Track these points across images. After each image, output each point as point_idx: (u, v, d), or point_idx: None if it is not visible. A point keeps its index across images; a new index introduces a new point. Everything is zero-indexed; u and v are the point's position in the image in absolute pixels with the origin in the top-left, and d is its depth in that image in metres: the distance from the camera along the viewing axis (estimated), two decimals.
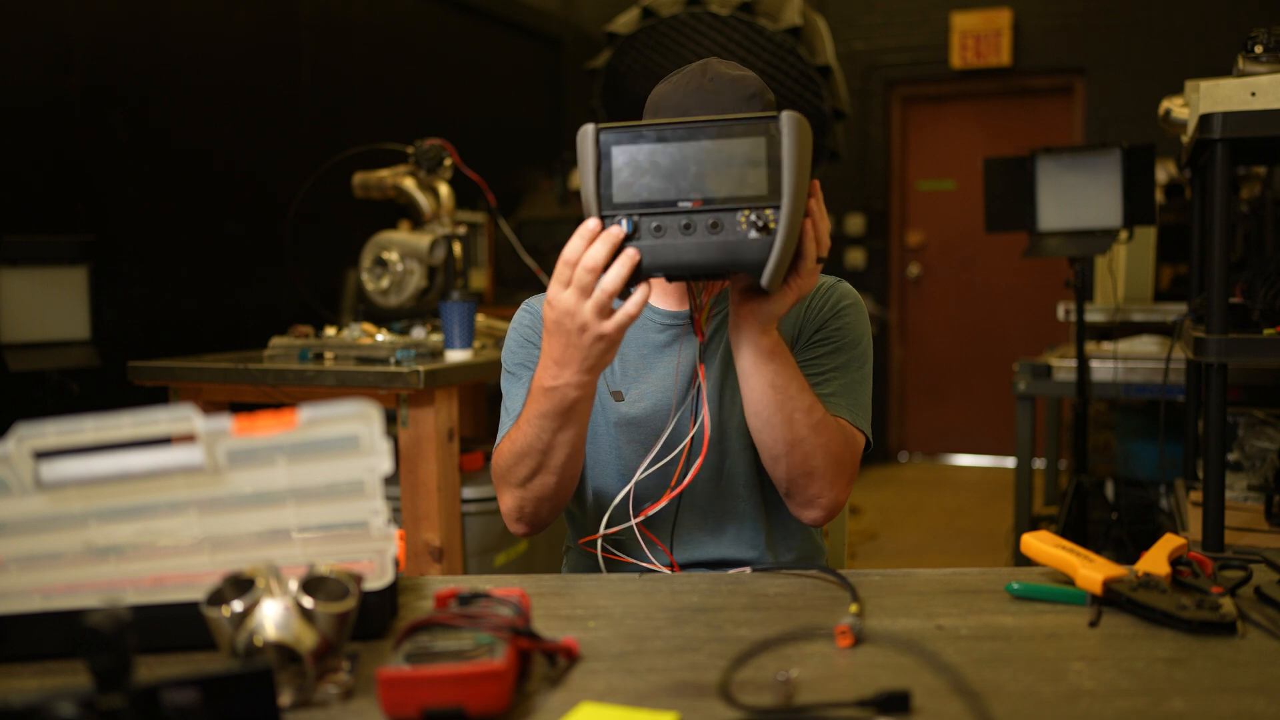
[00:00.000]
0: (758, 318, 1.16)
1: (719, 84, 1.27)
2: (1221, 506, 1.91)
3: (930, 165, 6.33)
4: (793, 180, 1.04)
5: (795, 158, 1.04)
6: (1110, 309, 3.61)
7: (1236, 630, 0.91)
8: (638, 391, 1.36)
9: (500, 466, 1.29)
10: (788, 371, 1.20)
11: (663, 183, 1.07)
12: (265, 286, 3.85)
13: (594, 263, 1.06)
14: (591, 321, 1.09)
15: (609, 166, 1.07)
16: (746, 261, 1.07)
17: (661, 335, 1.37)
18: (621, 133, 1.07)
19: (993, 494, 5.41)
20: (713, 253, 1.06)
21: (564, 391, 1.16)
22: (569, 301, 1.09)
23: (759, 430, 1.23)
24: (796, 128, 1.04)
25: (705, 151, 1.06)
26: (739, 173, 1.06)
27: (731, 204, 1.06)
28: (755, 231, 1.05)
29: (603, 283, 1.06)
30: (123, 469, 0.84)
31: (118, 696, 0.62)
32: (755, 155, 1.05)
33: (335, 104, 4.23)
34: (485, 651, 0.79)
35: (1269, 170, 3.36)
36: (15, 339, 2.81)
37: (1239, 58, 1.94)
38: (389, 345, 2.46)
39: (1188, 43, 5.46)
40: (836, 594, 1.06)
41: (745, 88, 1.27)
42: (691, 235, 1.06)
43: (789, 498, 1.29)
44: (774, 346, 1.18)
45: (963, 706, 0.77)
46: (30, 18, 3.07)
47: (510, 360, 1.41)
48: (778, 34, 3.56)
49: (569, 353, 1.12)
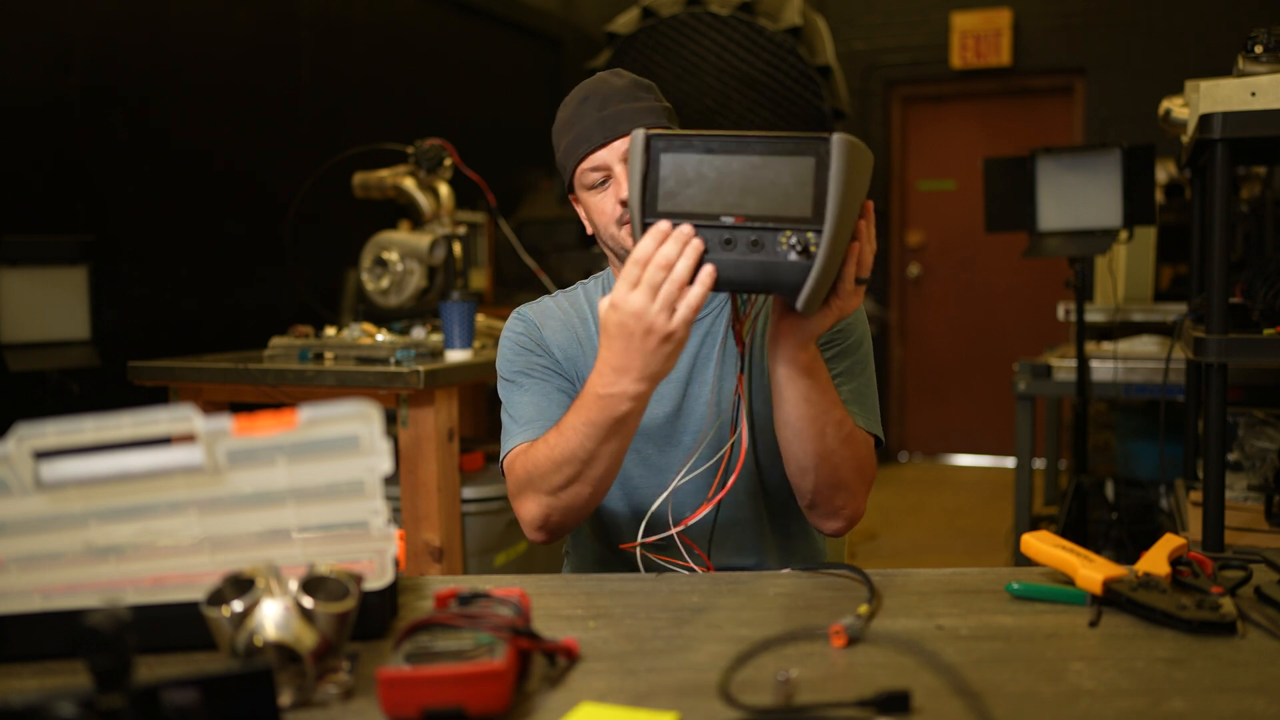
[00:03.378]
0: (797, 334, 1.15)
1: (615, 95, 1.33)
2: (1221, 506, 1.91)
3: (930, 165, 6.33)
4: (837, 205, 1.01)
5: (843, 182, 1.00)
6: (1110, 309, 3.61)
7: (1236, 630, 0.91)
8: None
9: (528, 472, 1.26)
10: (821, 386, 1.19)
11: (707, 195, 1.05)
12: (265, 286, 3.85)
13: (667, 259, 1.04)
14: (659, 321, 1.06)
15: (656, 173, 1.06)
16: (783, 283, 1.04)
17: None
18: (672, 140, 1.06)
19: (993, 494, 5.41)
20: (750, 271, 1.04)
21: (618, 401, 1.13)
22: (638, 302, 1.06)
23: (790, 442, 1.22)
24: (847, 151, 1.00)
25: (752, 167, 1.03)
26: (784, 192, 1.03)
27: (774, 223, 1.03)
28: (795, 254, 1.02)
29: (673, 275, 1.04)
30: (123, 469, 0.84)
31: (118, 696, 0.62)
32: (803, 175, 1.02)
33: (335, 104, 4.23)
34: (485, 651, 0.79)
35: (1269, 170, 3.36)
36: (15, 339, 2.81)
37: (1239, 58, 1.94)
38: (389, 345, 2.46)
39: (1188, 43, 5.46)
40: (837, 594, 1.06)
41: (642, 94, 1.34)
42: (732, 251, 1.04)
43: (813, 509, 1.28)
44: (811, 362, 1.17)
45: (963, 706, 0.77)
46: (30, 18, 3.07)
47: (508, 369, 1.40)
48: (778, 34, 3.57)
49: (630, 358, 1.09)
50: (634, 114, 1.32)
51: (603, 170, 1.33)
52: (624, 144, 1.30)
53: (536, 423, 1.33)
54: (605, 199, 1.34)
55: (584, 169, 1.34)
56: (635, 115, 1.32)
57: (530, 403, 1.35)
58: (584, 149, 1.33)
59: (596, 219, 1.36)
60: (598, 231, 1.39)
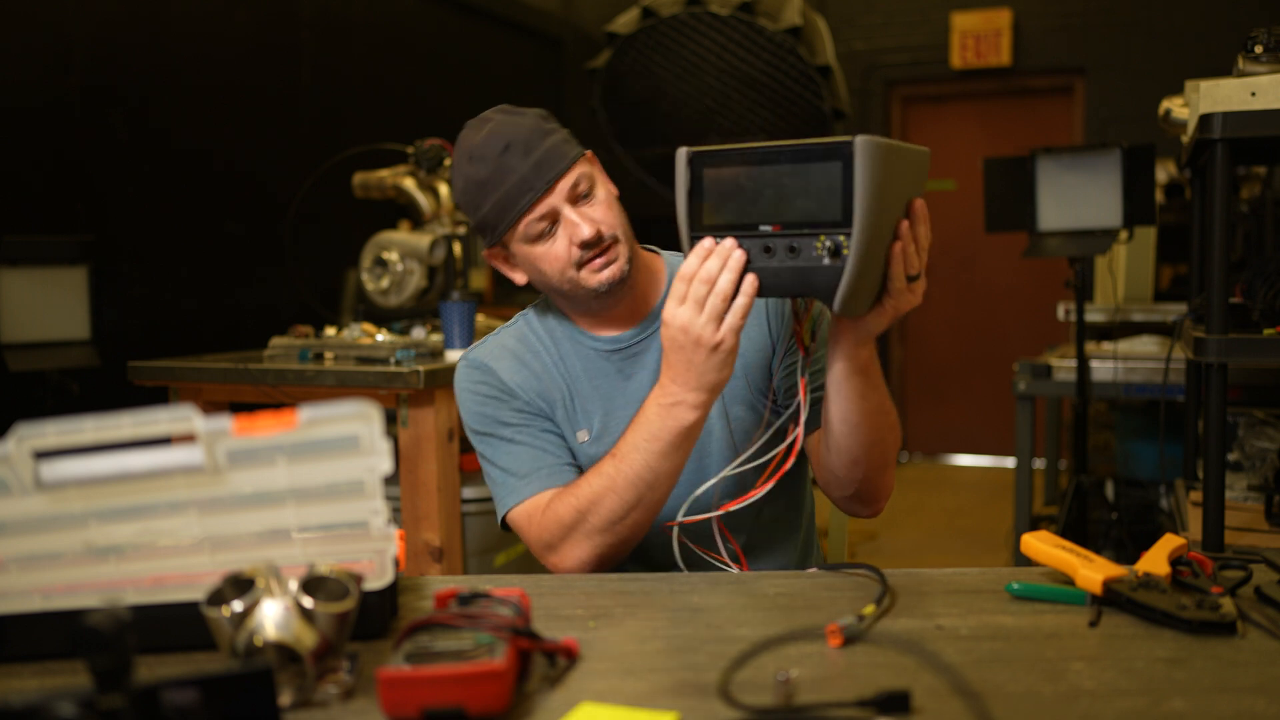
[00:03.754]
0: (855, 333, 1.16)
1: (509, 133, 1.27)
2: (1221, 506, 1.91)
3: (930, 165, 6.33)
4: (865, 205, 1.02)
5: (869, 182, 1.02)
6: (1110, 309, 3.61)
7: (1236, 630, 0.91)
8: (601, 425, 1.34)
9: (578, 513, 1.22)
10: (874, 382, 1.21)
11: (746, 206, 1.09)
12: (265, 286, 3.85)
13: (710, 274, 1.09)
14: (706, 333, 1.10)
15: (700, 189, 1.11)
16: (819, 286, 1.07)
17: (608, 364, 1.36)
18: (711, 156, 1.10)
19: (993, 494, 5.41)
20: (788, 277, 1.08)
21: (681, 410, 1.15)
22: (685, 316, 1.11)
23: (844, 436, 1.23)
24: (870, 151, 1.01)
25: (785, 175, 1.07)
26: (817, 197, 1.05)
27: (809, 228, 1.06)
28: (829, 257, 1.05)
29: (716, 289, 1.09)
30: (123, 469, 0.84)
31: (118, 696, 0.62)
32: (832, 180, 1.04)
33: (335, 104, 4.23)
34: (485, 651, 0.79)
35: (1269, 170, 3.36)
36: (15, 339, 2.82)
37: (1239, 58, 1.94)
38: (389, 345, 2.46)
39: (1188, 43, 5.46)
40: (837, 594, 1.06)
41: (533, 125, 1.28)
42: (772, 258, 1.08)
43: (855, 498, 1.31)
44: (868, 362, 1.19)
45: (963, 706, 0.77)
46: (30, 18, 3.07)
47: (479, 423, 1.34)
48: (778, 34, 3.57)
49: (685, 370, 1.13)
50: (559, 150, 1.27)
51: (549, 217, 1.26)
52: (566, 184, 1.26)
53: (540, 471, 1.30)
54: (556, 245, 1.27)
55: (529, 220, 1.26)
56: (560, 150, 1.27)
57: (522, 453, 1.31)
58: (527, 200, 1.25)
59: (548, 267, 1.29)
60: (545, 280, 1.31)
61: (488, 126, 1.28)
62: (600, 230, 1.27)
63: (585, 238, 1.25)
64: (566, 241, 1.27)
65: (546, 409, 1.35)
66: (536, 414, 1.34)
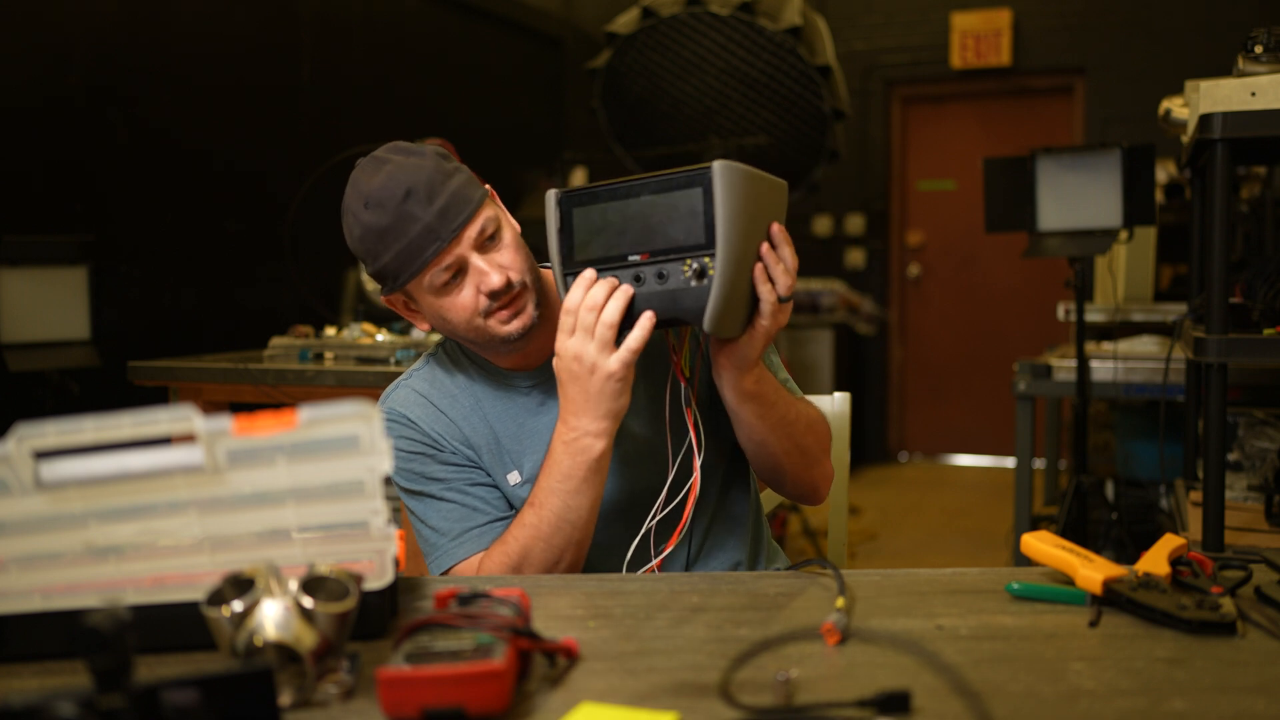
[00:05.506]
0: (733, 361, 1.18)
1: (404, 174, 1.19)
2: (1221, 506, 1.91)
3: (930, 165, 6.33)
4: (727, 226, 1.08)
5: (728, 205, 1.07)
6: (1110, 309, 3.61)
7: (1236, 630, 0.91)
8: (533, 466, 1.29)
9: (513, 566, 1.20)
10: (770, 400, 1.23)
11: (614, 239, 1.14)
12: (265, 286, 3.85)
13: (595, 302, 1.12)
14: (600, 360, 1.12)
15: (569, 227, 1.16)
16: (688, 307, 1.11)
17: (529, 398, 1.32)
18: (578, 195, 1.15)
19: (993, 494, 5.41)
20: (659, 301, 1.13)
21: (586, 441, 1.16)
22: (576, 345, 1.13)
23: (757, 456, 1.27)
24: (728, 174, 1.07)
25: (650, 206, 1.12)
26: (682, 224, 1.10)
27: (675, 254, 1.11)
28: (696, 279, 1.10)
29: (603, 318, 1.11)
30: (123, 469, 0.84)
31: (118, 696, 0.62)
32: (694, 206, 1.09)
33: (335, 104, 4.23)
34: (485, 651, 0.79)
35: (1269, 170, 3.36)
36: (15, 339, 2.81)
37: (1239, 58, 1.94)
38: (389, 345, 2.46)
39: (1188, 43, 5.46)
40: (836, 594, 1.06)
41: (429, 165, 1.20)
42: (642, 286, 1.13)
43: (792, 495, 1.35)
44: (755, 386, 1.21)
45: (963, 706, 0.77)
46: (30, 18, 3.07)
47: (408, 482, 1.29)
48: (778, 34, 3.56)
49: (584, 400, 1.14)
50: (463, 194, 1.20)
51: (455, 266, 1.20)
52: (473, 230, 1.20)
53: (471, 532, 1.27)
54: (463, 294, 1.21)
55: (435, 271, 1.20)
56: (464, 194, 1.20)
57: (453, 512, 1.28)
58: (432, 250, 1.18)
59: (454, 316, 1.23)
60: (451, 328, 1.25)
61: (385, 169, 1.20)
62: (510, 277, 1.22)
63: (494, 287, 1.20)
64: (474, 290, 1.21)
65: (473, 456, 1.30)
66: (463, 464, 1.30)
